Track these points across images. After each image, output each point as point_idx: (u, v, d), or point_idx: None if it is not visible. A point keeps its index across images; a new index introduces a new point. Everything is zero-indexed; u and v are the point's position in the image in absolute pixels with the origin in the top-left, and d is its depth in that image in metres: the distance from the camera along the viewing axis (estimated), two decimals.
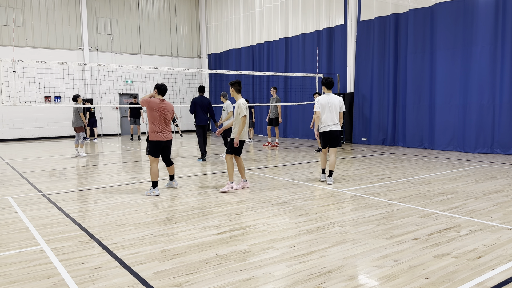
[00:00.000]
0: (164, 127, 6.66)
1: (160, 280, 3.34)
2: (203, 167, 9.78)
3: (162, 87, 6.75)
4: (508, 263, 3.58)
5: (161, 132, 6.62)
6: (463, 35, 11.76)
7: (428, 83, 12.79)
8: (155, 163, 6.66)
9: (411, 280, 3.27)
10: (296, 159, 10.96)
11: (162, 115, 6.61)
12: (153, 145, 6.64)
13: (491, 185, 7.09)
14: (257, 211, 5.50)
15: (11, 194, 6.87)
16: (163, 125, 6.63)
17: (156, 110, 6.55)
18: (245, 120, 6.73)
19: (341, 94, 15.09)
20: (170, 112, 6.75)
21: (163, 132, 6.63)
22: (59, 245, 4.21)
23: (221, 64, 22.81)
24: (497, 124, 11.26)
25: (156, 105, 6.57)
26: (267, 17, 19.18)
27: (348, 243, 4.17)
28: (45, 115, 19.79)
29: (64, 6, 20.12)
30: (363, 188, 6.94)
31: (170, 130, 6.81)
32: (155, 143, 6.63)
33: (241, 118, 6.70)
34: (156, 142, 6.63)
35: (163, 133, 6.63)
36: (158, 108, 6.57)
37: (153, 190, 6.61)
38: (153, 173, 6.63)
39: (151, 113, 6.58)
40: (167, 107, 6.69)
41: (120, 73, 20.97)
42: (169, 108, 6.71)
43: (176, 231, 4.65)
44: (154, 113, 6.56)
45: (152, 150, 6.66)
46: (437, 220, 4.96)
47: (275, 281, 3.29)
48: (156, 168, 6.65)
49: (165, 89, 6.79)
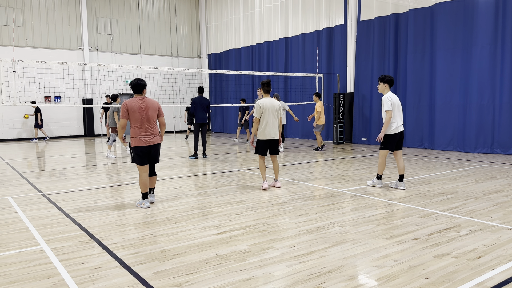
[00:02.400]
0: (148, 129, 5.73)
1: (160, 280, 3.34)
2: (203, 167, 9.78)
3: (134, 81, 5.75)
4: (508, 263, 3.58)
5: (143, 136, 5.70)
6: (463, 35, 11.76)
7: (428, 83, 12.79)
8: (143, 172, 5.82)
9: (411, 280, 3.27)
10: (296, 159, 10.96)
11: (144, 115, 5.70)
12: (136, 151, 5.75)
13: (491, 185, 7.09)
14: (257, 211, 5.50)
15: (11, 194, 6.87)
16: (146, 127, 5.71)
17: (136, 110, 5.67)
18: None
19: (341, 94, 15.10)
20: (154, 109, 5.81)
21: (145, 136, 5.71)
22: (59, 245, 4.21)
23: (221, 64, 22.81)
24: (497, 124, 11.26)
25: (135, 104, 5.68)
26: (267, 17, 19.18)
27: (348, 243, 4.17)
28: (45, 115, 19.77)
29: (64, 6, 20.12)
30: (363, 188, 6.94)
31: (156, 132, 5.87)
32: (137, 149, 5.72)
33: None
34: (137, 148, 5.73)
35: (145, 137, 5.71)
36: (139, 108, 5.68)
37: (143, 202, 5.85)
38: (141, 183, 5.84)
39: (132, 115, 5.68)
40: (149, 105, 5.74)
41: (120, 73, 20.97)
42: (151, 106, 5.77)
43: (176, 231, 4.65)
44: (134, 114, 5.67)
45: (136, 158, 5.78)
46: (437, 220, 4.96)
47: (275, 281, 3.29)
48: (145, 177, 5.83)
49: (139, 84, 5.74)
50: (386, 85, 6.73)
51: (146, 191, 5.87)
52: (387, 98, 6.60)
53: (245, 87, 20.43)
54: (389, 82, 6.72)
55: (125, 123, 5.74)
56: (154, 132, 5.82)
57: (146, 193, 5.87)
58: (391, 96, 6.65)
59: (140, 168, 5.82)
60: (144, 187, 5.84)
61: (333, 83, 15.91)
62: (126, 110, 5.67)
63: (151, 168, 6.04)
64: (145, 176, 5.83)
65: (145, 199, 5.87)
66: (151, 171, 6.06)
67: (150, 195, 6.10)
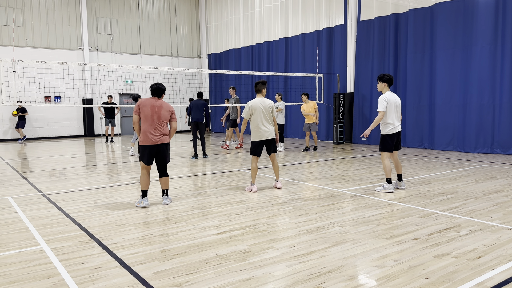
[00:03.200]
0: (157, 127, 5.75)
1: (160, 280, 3.34)
2: (203, 167, 9.78)
3: (155, 86, 5.89)
4: (508, 263, 3.58)
5: (151, 133, 5.73)
6: (463, 35, 11.76)
7: (428, 83, 12.80)
8: (144, 170, 5.85)
9: (411, 280, 3.27)
10: (296, 159, 10.96)
11: (156, 112, 5.75)
12: (141, 149, 5.81)
13: (491, 185, 7.09)
14: (257, 211, 5.50)
15: (11, 194, 6.87)
16: (156, 125, 5.74)
17: (148, 106, 5.74)
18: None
19: (341, 94, 15.10)
20: (167, 110, 5.84)
21: (153, 134, 5.73)
22: (59, 245, 4.21)
23: (221, 64, 22.81)
24: (497, 124, 11.26)
25: (149, 102, 5.78)
26: (267, 17, 19.18)
27: (348, 243, 4.17)
28: (45, 115, 19.79)
29: (64, 6, 20.12)
30: (363, 188, 6.94)
31: (166, 132, 5.87)
32: (145, 148, 5.77)
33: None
34: (146, 148, 5.77)
35: (153, 135, 5.73)
36: (151, 106, 5.75)
37: (141, 201, 5.82)
38: (141, 181, 5.85)
39: (143, 111, 5.75)
40: (163, 105, 5.82)
41: (120, 73, 20.98)
42: (165, 106, 5.84)
43: (176, 231, 4.65)
44: (145, 109, 5.72)
45: (141, 155, 5.84)
46: (437, 220, 4.96)
47: (275, 281, 3.29)
48: (145, 175, 5.83)
49: (159, 88, 5.88)
50: (384, 84, 6.61)
51: (146, 189, 5.85)
52: (382, 99, 6.48)
53: (245, 87, 20.43)
54: (388, 81, 6.58)
55: (137, 119, 5.83)
56: (163, 132, 5.83)
57: (145, 191, 5.85)
58: (388, 96, 6.52)
59: (141, 165, 5.86)
60: (143, 185, 5.84)
61: (333, 83, 15.91)
62: (138, 106, 5.79)
63: (161, 169, 5.96)
64: (144, 174, 5.84)
65: (143, 197, 5.85)
66: (162, 172, 5.98)
67: (163, 196, 6.03)
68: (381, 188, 6.67)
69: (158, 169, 5.98)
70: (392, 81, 6.62)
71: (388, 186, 6.57)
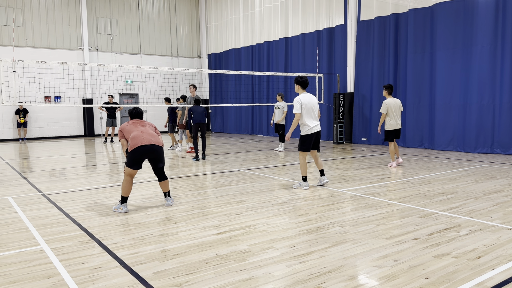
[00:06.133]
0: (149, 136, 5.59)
1: (160, 280, 3.34)
2: (203, 167, 9.78)
3: (134, 111, 5.93)
4: (508, 263, 3.58)
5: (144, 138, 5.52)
6: (463, 35, 11.75)
7: (428, 83, 12.79)
8: (128, 177, 5.51)
9: (411, 280, 3.27)
10: (296, 159, 10.96)
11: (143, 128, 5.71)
12: (132, 153, 5.46)
13: (491, 185, 7.09)
14: (257, 211, 5.50)
15: (11, 194, 6.87)
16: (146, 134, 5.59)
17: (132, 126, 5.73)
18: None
19: (341, 94, 15.10)
20: (151, 126, 5.87)
21: (147, 138, 5.53)
22: (59, 245, 4.21)
23: (221, 64, 22.81)
24: (497, 124, 11.26)
25: (130, 123, 5.78)
26: (267, 17, 19.18)
27: (348, 243, 4.17)
28: (45, 115, 19.78)
29: (64, 6, 20.12)
30: (363, 188, 6.94)
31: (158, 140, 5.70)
32: (135, 150, 5.45)
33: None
34: (137, 149, 5.44)
35: (146, 139, 5.53)
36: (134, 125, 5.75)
37: (120, 206, 5.54)
38: (124, 187, 5.51)
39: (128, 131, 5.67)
40: (145, 122, 5.86)
41: (120, 73, 20.97)
42: (147, 123, 5.86)
43: (176, 231, 4.65)
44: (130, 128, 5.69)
45: (129, 160, 5.46)
46: (437, 220, 4.96)
47: (275, 281, 3.29)
48: (128, 182, 5.51)
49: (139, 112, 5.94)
50: (298, 86, 7.17)
51: (126, 196, 5.55)
52: (296, 101, 6.97)
53: (245, 87, 20.43)
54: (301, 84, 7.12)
55: (125, 142, 5.77)
56: (156, 138, 5.68)
57: (125, 198, 5.55)
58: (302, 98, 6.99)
59: (128, 171, 5.49)
60: (124, 191, 5.52)
61: (333, 83, 15.91)
62: (121, 132, 5.76)
63: (159, 173, 5.78)
64: (127, 181, 5.51)
65: (123, 203, 5.55)
66: (161, 176, 5.80)
67: (166, 198, 5.90)
68: (297, 185, 7.11)
69: (156, 173, 5.79)
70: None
71: (304, 184, 7.01)
